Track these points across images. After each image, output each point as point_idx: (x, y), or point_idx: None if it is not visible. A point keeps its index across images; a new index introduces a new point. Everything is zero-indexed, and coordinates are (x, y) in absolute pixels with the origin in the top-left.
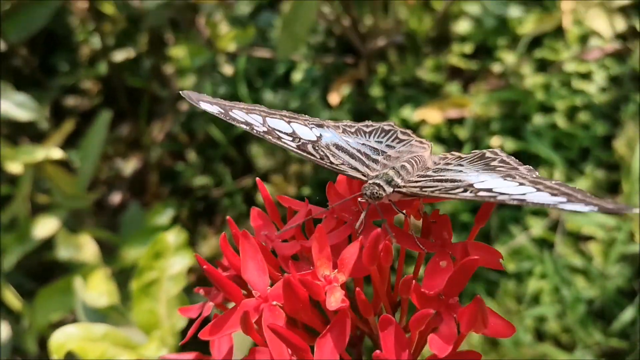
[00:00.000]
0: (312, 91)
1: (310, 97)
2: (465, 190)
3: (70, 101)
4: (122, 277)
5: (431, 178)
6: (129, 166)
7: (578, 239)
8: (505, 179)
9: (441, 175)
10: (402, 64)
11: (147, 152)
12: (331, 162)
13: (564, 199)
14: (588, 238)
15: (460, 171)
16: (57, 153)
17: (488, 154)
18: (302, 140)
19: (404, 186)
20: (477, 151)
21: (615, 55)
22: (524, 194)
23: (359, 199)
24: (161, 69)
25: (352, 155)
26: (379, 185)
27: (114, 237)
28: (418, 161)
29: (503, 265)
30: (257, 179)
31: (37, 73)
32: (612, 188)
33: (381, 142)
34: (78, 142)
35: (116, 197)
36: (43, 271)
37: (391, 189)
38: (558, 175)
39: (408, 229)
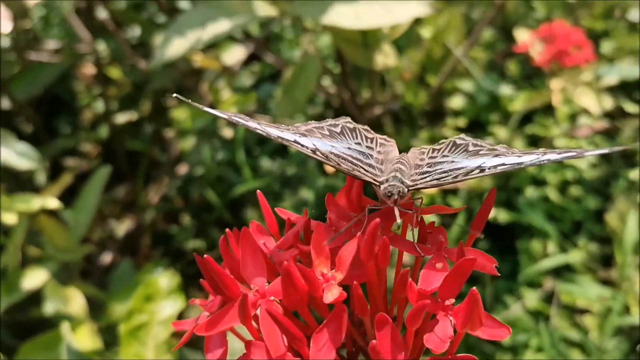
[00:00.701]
0: (309, 159)
1: (307, 165)
2: (481, 171)
3: (70, 162)
4: (109, 333)
5: (434, 171)
6: (122, 227)
7: (573, 311)
8: (500, 157)
9: (440, 168)
10: (398, 135)
11: (142, 214)
12: (347, 168)
13: (568, 154)
14: (583, 311)
15: (452, 161)
16: (53, 202)
17: (458, 141)
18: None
19: (414, 184)
20: (446, 140)
21: (604, 133)
22: (536, 158)
23: (368, 206)
24: (162, 133)
25: (351, 162)
26: (398, 184)
27: (103, 293)
28: (406, 161)
29: (497, 270)
30: (258, 191)
31: (39, 133)
32: (605, 261)
33: (361, 144)
34: (74, 202)
35: (107, 257)
36: (27, 329)
37: (406, 189)
38: (552, 246)
39: (405, 236)
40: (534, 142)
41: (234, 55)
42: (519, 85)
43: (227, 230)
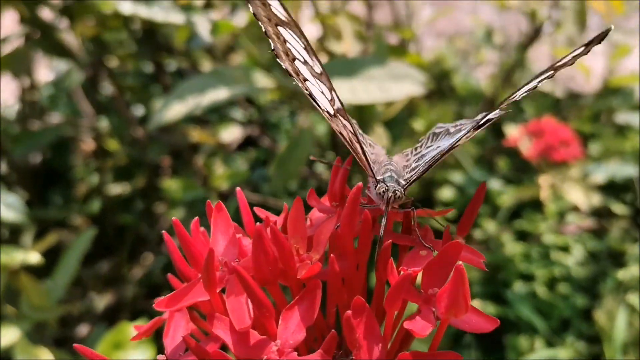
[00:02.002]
0: None
1: None
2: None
3: (60, 235)
4: None
5: (422, 163)
6: (102, 301)
7: None
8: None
9: (427, 158)
10: None
11: (123, 289)
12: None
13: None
14: None
15: (438, 147)
16: (34, 257)
17: (437, 130)
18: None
19: (408, 181)
20: (426, 135)
21: (591, 231)
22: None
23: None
24: (152, 209)
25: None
26: (394, 184)
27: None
28: (395, 165)
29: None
30: (237, 188)
31: (33, 202)
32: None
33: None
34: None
35: (84, 329)
36: None
37: (402, 189)
38: (539, 342)
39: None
40: (522, 236)
41: (232, 133)
42: (508, 179)
43: (207, 202)
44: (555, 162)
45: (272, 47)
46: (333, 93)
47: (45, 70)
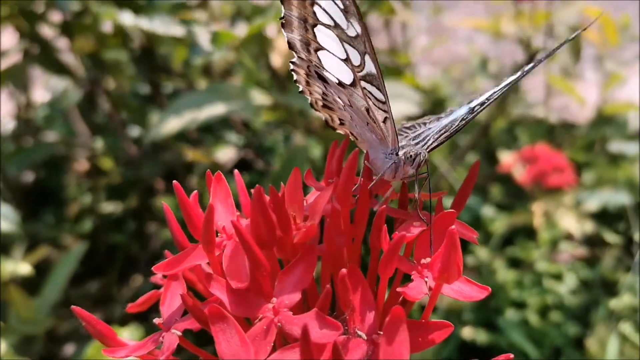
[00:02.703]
0: None
1: None
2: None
3: (51, 254)
4: None
5: (431, 133)
6: None
7: None
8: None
9: (431, 130)
10: None
11: (111, 309)
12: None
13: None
14: None
15: (439, 119)
16: (25, 268)
17: (407, 124)
18: None
19: (430, 146)
20: (409, 123)
21: (584, 260)
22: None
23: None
24: (144, 229)
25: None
26: (420, 148)
27: None
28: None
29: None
30: (235, 170)
31: (25, 220)
32: None
33: None
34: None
35: (69, 349)
36: None
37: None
38: None
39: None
40: (515, 264)
41: (227, 153)
42: (501, 206)
43: (207, 171)
44: (549, 188)
45: (283, 15)
46: (366, 57)
47: (42, 91)
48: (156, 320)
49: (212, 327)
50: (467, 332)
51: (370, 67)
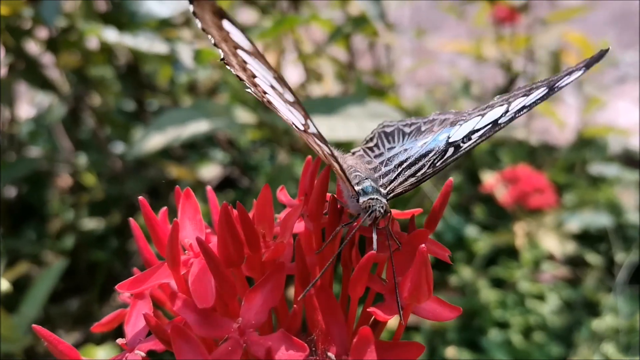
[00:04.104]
0: None
1: None
2: (457, 148)
3: (31, 270)
4: None
5: (399, 167)
6: (69, 340)
7: None
8: (458, 124)
9: (399, 160)
10: None
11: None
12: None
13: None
14: None
15: (405, 149)
16: (4, 285)
17: (388, 129)
18: None
19: (392, 192)
20: (374, 133)
21: (566, 280)
22: (510, 110)
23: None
24: (126, 247)
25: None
26: (381, 198)
27: None
28: (360, 165)
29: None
30: (208, 187)
31: (6, 235)
32: None
33: None
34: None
35: None
36: None
37: (387, 203)
38: None
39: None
40: (498, 284)
41: (211, 171)
42: (484, 226)
43: (176, 187)
44: (530, 209)
45: (222, 57)
46: (308, 121)
47: (27, 107)
48: (119, 341)
49: (174, 347)
50: (451, 352)
51: (313, 129)
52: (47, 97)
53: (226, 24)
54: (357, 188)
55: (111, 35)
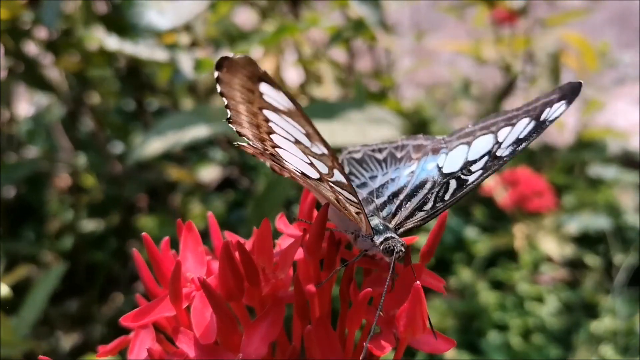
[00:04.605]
0: None
1: None
2: (460, 185)
3: (30, 272)
4: None
5: (394, 198)
6: (68, 341)
7: None
8: (445, 152)
9: (393, 189)
10: None
11: (91, 329)
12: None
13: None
14: None
15: (395, 177)
16: (3, 289)
17: (368, 153)
18: None
19: (402, 222)
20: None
21: (565, 282)
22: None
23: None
24: (126, 248)
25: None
26: (397, 237)
27: None
28: None
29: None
30: (209, 212)
31: (4, 236)
32: None
33: None
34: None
35: None
36: None
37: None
38: None
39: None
40: (497, 286)
41: (210, 173)
42: (484, 228)
43: (178, 220)
44: (530, 211)
45: (228, 116)
46: (335, 171)
47: (26, 105)
48: None
49: None
50: (451, 354)
51: (339, 177)
52: (45, 97)
53: (264, 87)
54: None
55: (112, 42)
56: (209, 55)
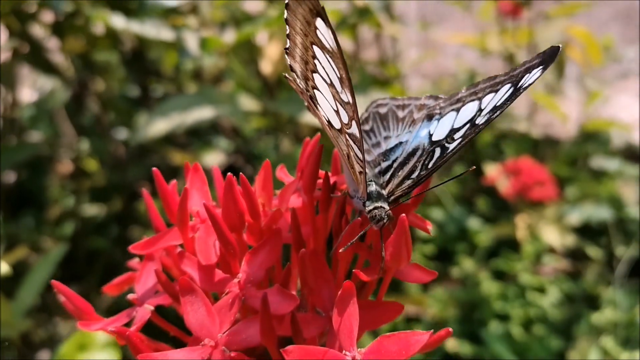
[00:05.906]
0: None
1: None
2: (443, 147)
3: (29, 257)
4: None
5: (394, 164)
6: (66, 328)
7: None
8: (437, 119)
9: (395, 155)
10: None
11: None
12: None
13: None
14: None
15: (401, 141)
16: (3, 267)
17: (382, 109)
18: None
19: (392, 195)
20: (367, 114)
21: (567, 273)
22: (483, 109)
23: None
24: (127, 234)
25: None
26: (385, 205)
27: None
28: None
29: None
30: (214, 165)
31: (5, 222)
32: None
33: None
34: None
35: (44, 355)
36: None
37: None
38: None
39: None
40: (499, 276)
41: (214, 158)
42: (487, 218)
43: (185, 162)
44: (532, 201)
45: (287, 46)
46: (353, 122)
47: (29, 90)
48: (130, 296)
49: (181, 299)
50: (452, 344)
51: (355, 130)
52: (49, 81)
53: (319, 22)
54: (360, 191)
55: (118, 21)
56: (215, 35)
